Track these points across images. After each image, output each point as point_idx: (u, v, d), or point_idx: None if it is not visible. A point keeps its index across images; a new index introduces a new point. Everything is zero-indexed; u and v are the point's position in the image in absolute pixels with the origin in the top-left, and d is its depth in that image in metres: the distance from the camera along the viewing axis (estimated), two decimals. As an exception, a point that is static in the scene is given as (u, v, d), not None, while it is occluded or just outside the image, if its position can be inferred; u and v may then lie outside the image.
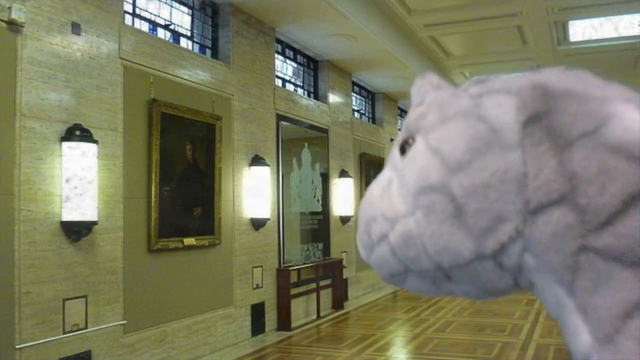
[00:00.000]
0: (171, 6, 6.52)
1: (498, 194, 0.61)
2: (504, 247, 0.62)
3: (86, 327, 4.90)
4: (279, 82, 8.49)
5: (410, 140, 0.70)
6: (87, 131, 4.82)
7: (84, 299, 4.89)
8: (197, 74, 6.43)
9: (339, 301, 9.39)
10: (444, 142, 0.65)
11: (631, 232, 0.56)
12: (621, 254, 0.56)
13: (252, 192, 7.27)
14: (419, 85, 0.76)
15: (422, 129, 0.69)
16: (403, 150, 0.71)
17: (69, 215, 4.65)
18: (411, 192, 0.67)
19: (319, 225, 9.21)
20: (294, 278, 8.11)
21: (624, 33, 9.95)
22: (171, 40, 6.46)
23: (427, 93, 0.74)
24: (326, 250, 9.38)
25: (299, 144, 8.87)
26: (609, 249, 0.57)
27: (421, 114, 0.71)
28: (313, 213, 9.09)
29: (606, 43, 10.30)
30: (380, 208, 0.72)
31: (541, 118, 0.61)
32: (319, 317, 8.55)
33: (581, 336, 0.59)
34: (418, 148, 0.68)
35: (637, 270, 0.56)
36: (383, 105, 12.63)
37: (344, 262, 9.83)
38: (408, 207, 0.68)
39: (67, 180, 4.65)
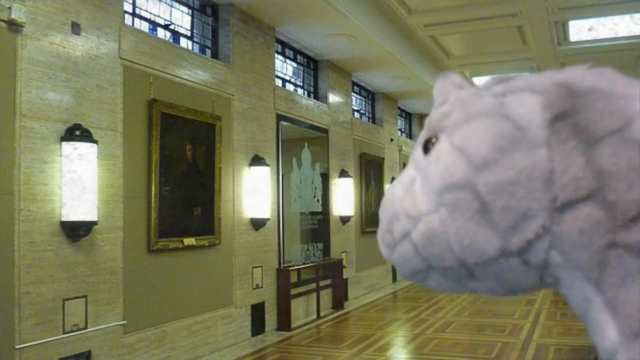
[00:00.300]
0: (171, 6, 6.51)
1: (525, 192, 0.61)
2: (530, 244, 0.62)
3: (86, 327, 4.89)
4: (279, 82, 8.49)
5: (434, 139, 0.71)
6: (87, 131, 4.81)
7: (83, 299, 4.88)
8: (197, 74, 6.42)
9: (339, 301, 9.39)
10: (469, 141, 0.65)
11: None
12: None
13: (252, 192, 7.26)
14: (442, 84, 0.77)
15: (446, 128, 0.69)
16: (426, 149, 0.71)
17: (68, 215, 4.64)
18: (435, 190, 0.67)
19: (319, 225, 9.21)
20: (294, 278, 8.10)
21: (624, 33, 9.95)
22: (171, 40, 6.45)
23: (449, 92, 0.74)
24: (326, 250, 9.38)
25: (299, 144, 8.86)
26: (638, 244, 0.57)
27: (444, 113, 0.71)
28: (313, 213, 9.09)
29: (606, 43, 10.31)
30: (403, 206, 0.72)
31: (567, 116, 0.61)
32: (319, 317, 8.54)
33: (608, 333, 0.60)
34: (442, 147, 0.68)
35: None
36: (383, 105, 12.63)
37: (344, 262, 9.83)
38: (432, 205, 0.68)
39: (67, 180, 4.63)
